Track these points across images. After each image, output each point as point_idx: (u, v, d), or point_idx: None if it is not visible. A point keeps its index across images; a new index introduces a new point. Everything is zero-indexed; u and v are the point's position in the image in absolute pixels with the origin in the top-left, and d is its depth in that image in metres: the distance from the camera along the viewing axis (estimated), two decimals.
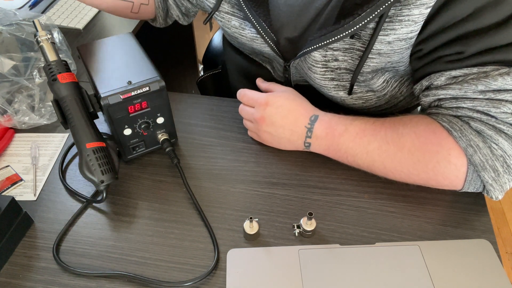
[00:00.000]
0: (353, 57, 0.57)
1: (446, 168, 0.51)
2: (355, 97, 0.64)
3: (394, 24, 0.51)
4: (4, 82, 0.68)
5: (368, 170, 0.58)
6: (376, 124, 0.56)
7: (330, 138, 0.58)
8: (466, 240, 0.53)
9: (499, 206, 1.59)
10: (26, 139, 0.67)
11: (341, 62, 0.58)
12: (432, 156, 0.51)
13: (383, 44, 0.53)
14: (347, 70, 0.59)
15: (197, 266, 0.51)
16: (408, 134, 0.53)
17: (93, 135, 0.54)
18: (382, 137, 0.55)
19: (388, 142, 0.54)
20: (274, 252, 0.52)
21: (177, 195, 0.59)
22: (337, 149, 0.58)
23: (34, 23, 0.57)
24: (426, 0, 0.48)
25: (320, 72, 0.60)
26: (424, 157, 0.52)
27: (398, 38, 0.52)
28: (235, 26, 0.66)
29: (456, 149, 0.50)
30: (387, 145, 0.54)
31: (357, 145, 0.56)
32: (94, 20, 1.10)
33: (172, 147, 0.61)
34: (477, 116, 0.50)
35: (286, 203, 0.58)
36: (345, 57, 0.58)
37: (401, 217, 0.56)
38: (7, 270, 0.52)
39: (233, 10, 0.64)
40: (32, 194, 0.60)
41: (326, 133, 0.58)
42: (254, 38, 0.65)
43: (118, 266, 0.52)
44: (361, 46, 0.56)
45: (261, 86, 0.68)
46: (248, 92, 0.63)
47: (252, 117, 0.62)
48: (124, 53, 0.60)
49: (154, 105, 0.57)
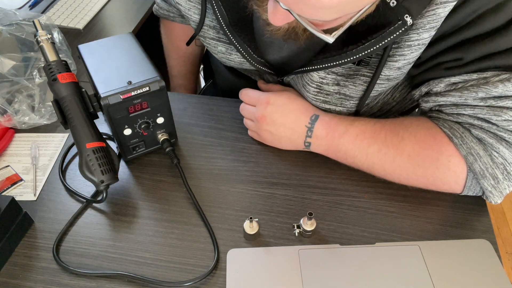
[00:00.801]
0: (356, 83, 0.56)
1: (445, 174, 0.52)
2: None
3: (403, 50, 0.50)
4: (4, 82, 0.68)
5: (368, 172, 0.58)
6: (376, 126, 0.56)
7: (330, 138, 0.58)
8: (466, 240, 0.53)
9: (499, 206, 1.59)
10: (26, 139, 0.67)
11: (342, 87, 0.57)
12: (431, 163, 0.52)
13: (392, 70, 0.52)
14: (346, 96, 0.58)
15: (197, 266, 0.51)
16: (408, 138, 0.53)
17: (93, 135, 0.54)
18: (382, 140, 0.55)
19: (388, 145, 0.54)
20: (274, 252, 0.52)
21: (177, 195, 0.59)
22: (336, 150, 0.58)
23: (34, 23, 0.57)
24: (435, 24, 0.46)
25: (313, 93, 0.59)
26: (424, 163, 0.52)
27: (408, 62, 0.51)
28: (221, 51, 0.65)
29: (456, 156, 0.50)
30: (387, 149, 0.54)
31: (357, 147, 0.56)
32: (94, 20, 1.10)
33: (172, 147, 0.61)
34: (478, 123, 0.50)
35: (286, 203, 0.58)
36: (347, 83, 0.56)
37: (401, 217, 0.56)
38: (7, 270, 0.52)
39: (218, 36, 0.64)
40: (32, 194, 0.60)
41: (326, 133, 0.58)
42: (242, 62, 0.65)
43: (118, 266, 0.52)
44: (367, 72, 0.54)
45: (262, 87, 0.68)
46: (250, 91, 0.64)
47: (253, 116, 0.62)
48: (124, 53, 0.60)
49: (154, 105, 0.57)
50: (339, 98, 0.58)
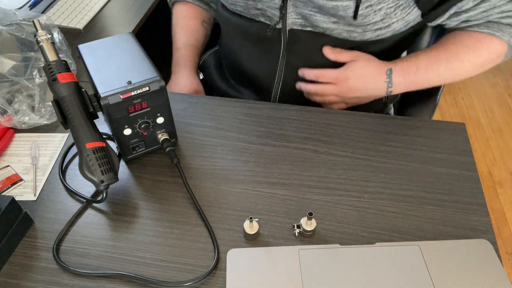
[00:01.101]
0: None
1: (497, 59, 0.70)
2: None
3: None
4: (4, 82, 0.68)
5: (440, 83, 0.74)
6: (433, 52, 0.70)
7: (408, 80, 0.70)
8: (466, 240, 0.53)
9: (499, 206, 1.59)
10: (26, 139, 0.67)
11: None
12: (486, 57, 0.69)
13: None
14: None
15: (197, 266, 0.51)
16: (461, 49, 0.69)
17: (93, 135, 0.54)
18: (444, 60, 0.69)
19: (450, 61, 0.69)
20: (274, 252, 0.52)
21: (177, 195, 0.59)
22: (415, 83, 0.71)
23: (34, 23, 0.57)
24: None
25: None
26: (480, 61, 0.69)
27: None
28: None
29: (500, 44, 0.68)
30: (451, 64, 0.69)
31: (430, 73, 0.70)
32: (94, 20, 1.10)
33: (172, 147, 0.61)
34: (505, 15, 0.66)
35: (286, 203, 0.58)
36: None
37: (401, 217, 0.56)
38: (7, 270, 0.52)
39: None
40: (32, 194, 0.60)
41: (404, 78, 0.70)
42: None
43: (118, 266, 0.52)
44: None
45: (329, 55, 0.74)
46: (325, 71, 0.72)
47: (338, 91, 0.73)
48: (124, 53, 0.60)
49: (154, 105, 0.57)
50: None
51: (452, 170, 0.62)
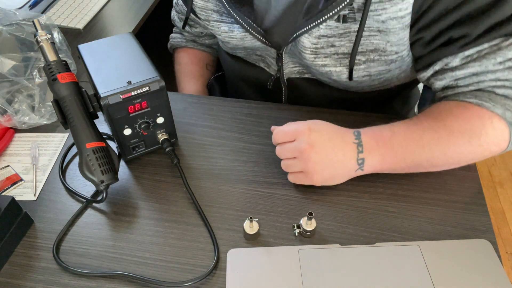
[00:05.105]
0: (351, 40, 0.59)
1: (495, 135, 0.53)
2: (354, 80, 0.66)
3: (384, 4, 0.53)
4: (4, 82, 0.68)
5: (429, 167, 0.57)
6: (414, 120, 0.56)
7: (382, 145, 0.55)
8: (466, 240, 0.53)
9: (499, 206, 1.59)
10: (26, 139, 0.67)
11: (338, 47, 0.61)
12: (480, 129, 0.53)
13: (378, 22, 0.56)
14: (345, 55, 0.61)
15: (197, 266, 0.51)
16: (448, 117, 0.54)
17: (93, 135, 0.54)
18: (429, 128, 0.54)
19: (437, 130, 0.54)
20: (274, 252, 0.52)
21: (177, 195, 0.59)
22: (393, 155, 0.55)
23: (34, 23, 0.57)
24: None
25: (310, 59, 0.62)
26: (475, 132, 0.53)
27: (390, 17, 0.54)
28: (224, 31, 0.69)
29: (495, 116, 0.53)
30: (438, 134, 0.54)
31: (411, 141, 0.55)
32: (94, 20, 1.10)
33: (172, 147, 0.61)
34: (500, 84, 0.53)
35: (286, 203, 0.58)
36: (342, 42, 0.60)
37: (401, 217, 0.56)
38: (7, 270, 0.52)
39: (221, 18, 0.69)
40: (32, 194, 0.60)
41: (377, 141, 0.55)
42: (243, 37, 0.68)
43: (118, 266, 0.52)
44: (358, 27, 0.57)
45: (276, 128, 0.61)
46: (282, 127, 0.58)
47: (297, 150, 0.55)
48: (124, 53, 0.60)
49: (154, 105, 0.57)
50: (337, 59, 0.62)
51: (452, 170, 0.61)
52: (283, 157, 0.58)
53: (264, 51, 0.70)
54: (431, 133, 0.54)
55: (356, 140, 0.55)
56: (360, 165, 0.55)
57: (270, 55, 0.71)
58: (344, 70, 0.63)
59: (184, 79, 0.89)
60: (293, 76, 0.71)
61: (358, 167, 0.55)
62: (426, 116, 0.56)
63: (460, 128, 0.53)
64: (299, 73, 0.70)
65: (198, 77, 0.89)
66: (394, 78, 0.67)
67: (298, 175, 0.57)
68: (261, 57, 0.73)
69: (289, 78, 0.72)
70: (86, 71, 0.58)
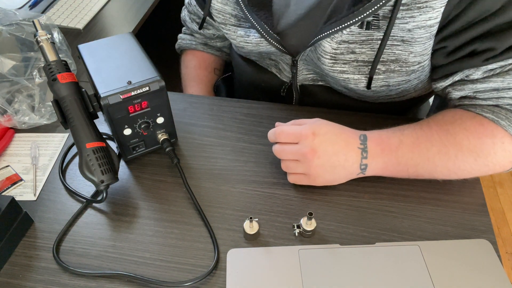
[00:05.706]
0: (373, 48, 0.57)
1: (503, 157, 0.53)
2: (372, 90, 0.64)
3: (413, 12, 0.51)
4: (4, 82, 0.68)
5: (429, 177, 0.56)
6: (424, 129, 0.55)
7: (387, 153, 0.54)
8: (466, 240, 0.53)
9: (499, 206, 1.59)
10: (26, 139, 0.67)
11: (358, 54, 0.58)
12: (489, 149, 0.52)
13: (404, 31, 0.54)
14: (365, 63, 0.59)
15: (197, 266, 0.51)
16: (460, 132, 0.53)
17: (93, 135, 0.54)
18: (438, 141, 0.54)
19: (446, 144, 0.53)
20: (274, 252, 0.52)
21: (177, 195, 0.59)
22: (396, 163, 0.55)
23: (34, 23, 0.57)
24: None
25: (329, 64, 0.60)
26: (483, 152, 0.52)
27: (418, 25, 0.52)
28: (240, 35, 0.68)
29: (508, 137, 0.52)
30: (446, 148, 0.53)
31: (417, 154, 0.54)
32: (94, 20, 1.10)
33: (172, 147, 0.61)
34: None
35: (286, 203, 0.58)
36: (363, 49, 0.57)
37: (401, 217, 0.56)
38: (7, 270, 0.52)
39: (239, 23, 0.68)
40: (32, 194, 0.60)
41: (382, 149, 0.54)
42: (259, 43, 0.66)
43: (118, 266, 0.52)
44: (381, 35, 0.55)
45: (280, 125, 0.61)
46: (285, 127, 0.57)
47: (299, 153, 0.54)
48: (124, 53, 0.60)
49: (154, 105, 0.57)
50: (356, 66, 0.59)
51: None
52: (283, 158, 0.57)
53: (279, 56, 0.69)
54: (439, 147, 0.53)
55: (362, 146, 0.55)
56: (362, 170, 0.56)
57: (284, 61, 0.70)
58: (363, 78, 0.60)
59: (191, 83, 0.87)
60: (306, 83, 0.71)
61: (360, 171, 0.56)
62: (438, 125, 0.55)
63: (470, 146, 0.52)
64: (313, 80, 0.70)
65: (206, 82, 0.88)
66: (412, 89, 0.66)
67: (299, 176, 0.58)
68: (274, 62, 0.72)
69: (302, 84, 0.71)
70: (86, 71, 0.58)
